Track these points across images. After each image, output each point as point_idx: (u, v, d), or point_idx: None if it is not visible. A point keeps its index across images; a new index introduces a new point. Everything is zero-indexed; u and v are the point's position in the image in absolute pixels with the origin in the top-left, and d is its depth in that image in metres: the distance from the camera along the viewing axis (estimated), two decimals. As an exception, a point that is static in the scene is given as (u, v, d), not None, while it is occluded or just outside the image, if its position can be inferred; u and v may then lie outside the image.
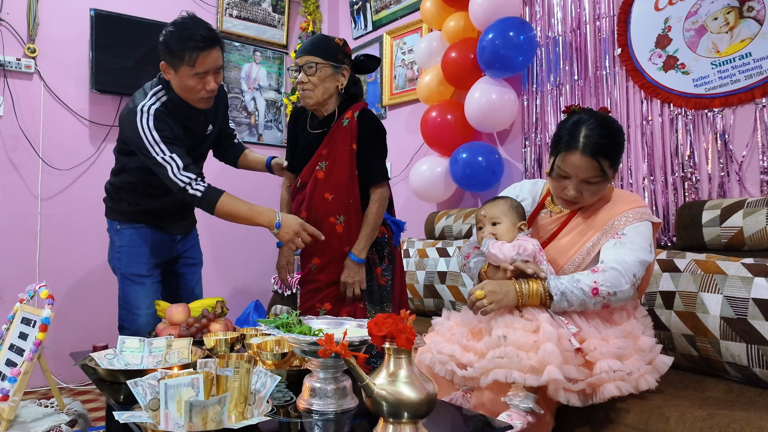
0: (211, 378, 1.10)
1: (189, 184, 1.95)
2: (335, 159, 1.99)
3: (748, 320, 1.53)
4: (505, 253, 1.51)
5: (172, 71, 1.98)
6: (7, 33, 3.16)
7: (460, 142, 2.95)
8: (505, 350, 1.34)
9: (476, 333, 1.50)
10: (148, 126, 1.96)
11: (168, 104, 2.03)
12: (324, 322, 1.45)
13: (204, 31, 1.92)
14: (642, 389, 1.40)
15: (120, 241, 2.26)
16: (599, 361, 1.37)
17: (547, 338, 1.33)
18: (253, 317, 3.39)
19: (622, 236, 1.50)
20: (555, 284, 1.43)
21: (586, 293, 1.41)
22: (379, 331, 1.03)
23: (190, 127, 2.11)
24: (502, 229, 1.61)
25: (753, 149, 2.06)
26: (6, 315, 1.61)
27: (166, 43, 1.94)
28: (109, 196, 2.30)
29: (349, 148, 1.99)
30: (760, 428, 1.18)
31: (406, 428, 1.01)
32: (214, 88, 2.00)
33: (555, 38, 2.72)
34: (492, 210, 1.64)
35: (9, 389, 1.27)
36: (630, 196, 1.63)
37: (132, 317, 2.23)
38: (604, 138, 1.50)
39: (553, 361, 1.30)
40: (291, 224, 1.92)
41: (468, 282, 2.55)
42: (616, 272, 1.43)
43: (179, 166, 1.95)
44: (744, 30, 2.06)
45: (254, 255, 4.03)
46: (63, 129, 3.34)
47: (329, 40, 2.03)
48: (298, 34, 4.24)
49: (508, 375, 1.32)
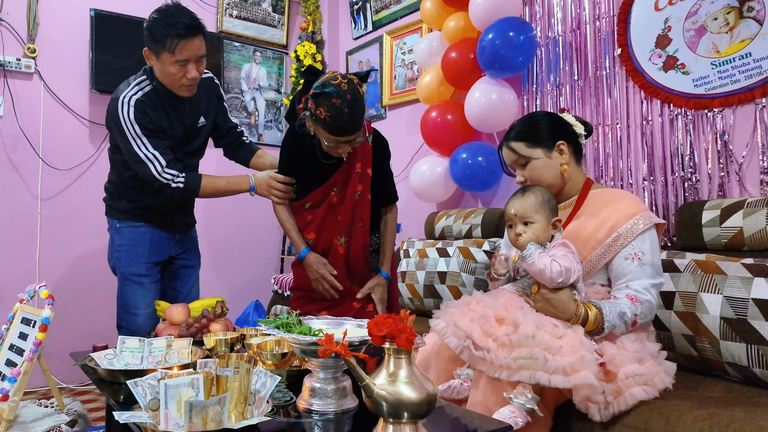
0: (211, 378, 1.10)
1: (171, 180, 2.03)
2: (349, 183, 1.94)
3: (748, 320, 1.53)
4: (548, 272, 1.41)
5: (155, 57, 1.98)
6: (7, 33, 3.16)
7: (460, 142, 2.95)
8: (532, 351, 1.32)
9: (500, 320, 1.44)
10: (129, 119, 1.97)
11: (151, 93, 2.03)
12: (324, 322, 1.45)
13: (187, 19, 1.92)
14: (660, 389, 1.41)
15: (120, 239, 2.26)
16: (623, 368, 1.36)
17: (587, 349, 1.33)
18: (253, 317, 3.39)
19: (642, 256, 1.49)
20: (608, 319, 1.42)
21: (627, 325, 1.44)
22: (379, 331, 1.03)
23: (176, 116, 2.10)
24: (538, 229, 1.48)
25: (753, 149, 2.06)
26: (6, 315, 1.61)
27: (149, 29, 1.95)
28: (109, 194, 2.31)
29: (363, 172, 1.94)
30: (760, 428, 1.18)
31: (406, 428, 1.01)
32: (195, 76, 2.00)
33: (555, 38, 2.72)
34: (522, 207, 1.50)
35: (9, 389, 1.27)
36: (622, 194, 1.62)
37: (130, 317, 2.23)
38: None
39: (590, 367, 1.30)
40: (262, 182, 2.08)
41: (468, 282, 2.54)
42: (650, 304, 1.47)
43: (162, 164, 2.00)
44: (744, 30, 2.06)
45: (254, 255, 4.03)
46: (63, 129, 3.34)
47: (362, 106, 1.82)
48: (298, 34, 4.25)
49: (532, 376, 1.30)
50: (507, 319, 1.42)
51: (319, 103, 1.70)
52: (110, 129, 2.08)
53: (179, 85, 2.01)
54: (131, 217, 2.25)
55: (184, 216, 2.38)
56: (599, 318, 1.41)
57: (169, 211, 2.28)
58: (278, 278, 3.45)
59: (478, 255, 2.56)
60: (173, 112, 2.09)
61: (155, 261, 2.29)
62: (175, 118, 2.10)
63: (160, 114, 2.04)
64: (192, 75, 1.98)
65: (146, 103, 2.00)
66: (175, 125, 2.11)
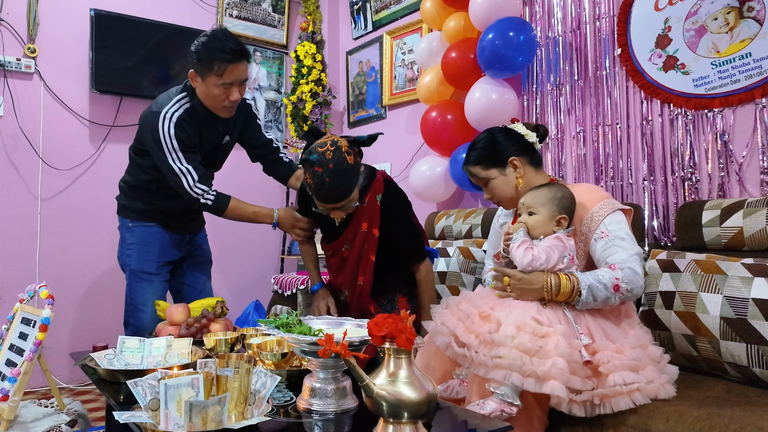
0: (211, 378, 1.10)
1: (202, 195, 2.10)
2: (355, 242, 1.91)
3: (748, 320, 1.53)
4: (520, 260, 1.48)
5: (200, 79, 2.04)
6: (7, 33, 3.16)
7: (460, 142, 2.95)
8: (509, 352, 1.33)
9: (485, 317, 1.47)
10: (170, 133, 2.04)
11: (190, 111, 2.11)
12: (324, 322, 1.46)
13: (234, 44, 2.00)
14: (661, 398, 1.39)
15: (131, 238, 2.33)
16: (612, 374, 1.36)
17: (560, 353, 1.32)
18: (253, 317, 3.38)
19: (609, 233, 1.52)
20: (582, 279, 1.43)
21: (608, 289, 1.43)
22: (379, 331, 1.03)
23: (206, 134, 2.18)
24: (537, 220, 1.53)
25: (753, 149, 2.06)
26: (6, 315, 1.61)
27: (197, 53, 2.01)
28: (123, 193, 2.37)
29: (369, 232, 1.88)
30: (760, 428, 1.18)
31: (406, 428, 1.01)
32: (237, 98, 2.07)
33: (555, 38, 2.72)
34: (531, 197, 1.56)
35: (9, 389, 1.27)
36: (585, 186, 1.67)
37: (138, 314, 2.28)
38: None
39: (559, 377, 1.29)
40: (285, 220, 2.14)
41: (468, 282, 2.55)
42: (631, 271, 1.45)
43: (194, 178, 2.08)
44: (744, 30, 2.06)
45: (254, 255, 4.03)
46: (63, 129, 3.34)
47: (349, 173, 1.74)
48: (298, 34, 4.25)
49: (507, 376, 1.31)
50: (491, 316, 1.45)
51: (305, 170, 1.71)
52: (144, 137, 2.14)
53: (221, 106, 2.09)
54: (143, 218, 2.32)
55: (195, 219, 2.46)
56: (574, 281, 1.43)
57: (182, 215, 2.35)
58: (278, 278, 3.45)
59: (478, 255, 2.56)
60: (205, 130, 2.17)
61: (166, 261, 2.35)
62: (206, 135, 2.19)
63: (195, 131, 2.13)
64: (234, 97, 2.06)
65: (186, 120, 2.09)
66: (204, 141, 2.19)
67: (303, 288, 3.20)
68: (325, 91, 4.09)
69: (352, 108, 4.11)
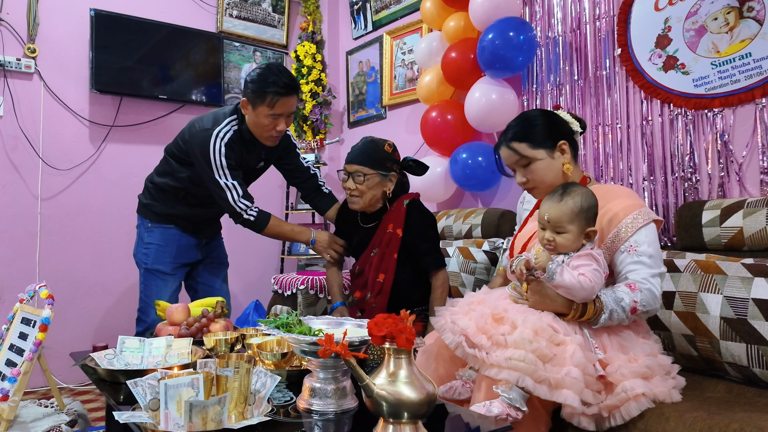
0: (211, 378, 1.10)
1: (245, 210, 2.19)
2: (382, 243, 2.08)
3: (748, 320, 1.53)
4: (583, 296, 1.40)
5: (251, 108, 2.14)
6: (7, 33, 3.16)
7: (460, 142, 2.95)
8: (526, 355, 1.30)
9: (498, 319, 1.44)
10: (220, 151, 2.15)
11: (237, 134, 2.21)
12: (324, 322, 1.45)
13: (287, 78, 2.10)
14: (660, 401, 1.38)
15: (149, 238, 2.41)
16: (624, 381, 1.34)
17: (575, 362, 1.30)
18: (253, 317, 3.38)
19: (638, 248, 1.47)
20: (606, 304, 1.40)
21: (626, 312, 1.41)
22: (379, 331, 1.03)
23: (247, 158, 2.28)
24: (567, 239, 1.43)
25: (753, 149, 2.06)
26: (6, 315, 1.61)
27: (252, 83, 2.11)
28: (149, 193, 2.44)
29: (393, 232, 2.06)
30: (760, 428, 1.18)
31: (406, 428, 1.01)
32: (283, 129, 2.18)
33: (555, 38, 2.72)
34: (557, 214, 1.43)
35: (9, 389, 1.27)
36: (619, 190, 1.60)
37: (151, 309, 2.35)
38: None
39: (573, 387, 1.28)
40: (322, 240, 2.26)
41: (468, 282, 2.54)
42: (650, 293, 1.43)
43: (239, 193, 2.18)
44: (744, 30, 2.06)
45: (254, 255, 4.03)
46: (63, 129, 3.34)
47: (379, 149, 2.06)
48: (298, 34, 4.25)
49: (520, 379, 1.29)
50: (506, 318, 1.42)
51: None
52: (192, 150, 2.21)
53: (267, 135, 2.19)
54: (163, 221, 2.41)
55: (211, 226, 2.55)
56: (599, 307, 1.40)
57: (200, 222, 2.46)
58: (278, 278, 3.45)
59: (478, 255, 2.56)
60: (247, 154, 2.28)
61: (182, 263, 2.45)
62: (246, 158, 2.29)
63: (239, 153, 2.23)
64: (281, 128, 2.16)
65: (235, 141, 2.20)
66: (243, 164, 2.28)
67: (303, 288, 3.20)
68: (325, 91, 4.09)
69: (352, 108, 4.11)
